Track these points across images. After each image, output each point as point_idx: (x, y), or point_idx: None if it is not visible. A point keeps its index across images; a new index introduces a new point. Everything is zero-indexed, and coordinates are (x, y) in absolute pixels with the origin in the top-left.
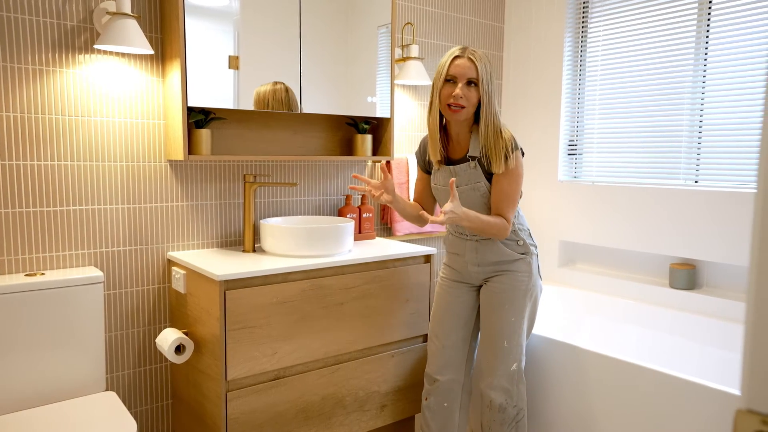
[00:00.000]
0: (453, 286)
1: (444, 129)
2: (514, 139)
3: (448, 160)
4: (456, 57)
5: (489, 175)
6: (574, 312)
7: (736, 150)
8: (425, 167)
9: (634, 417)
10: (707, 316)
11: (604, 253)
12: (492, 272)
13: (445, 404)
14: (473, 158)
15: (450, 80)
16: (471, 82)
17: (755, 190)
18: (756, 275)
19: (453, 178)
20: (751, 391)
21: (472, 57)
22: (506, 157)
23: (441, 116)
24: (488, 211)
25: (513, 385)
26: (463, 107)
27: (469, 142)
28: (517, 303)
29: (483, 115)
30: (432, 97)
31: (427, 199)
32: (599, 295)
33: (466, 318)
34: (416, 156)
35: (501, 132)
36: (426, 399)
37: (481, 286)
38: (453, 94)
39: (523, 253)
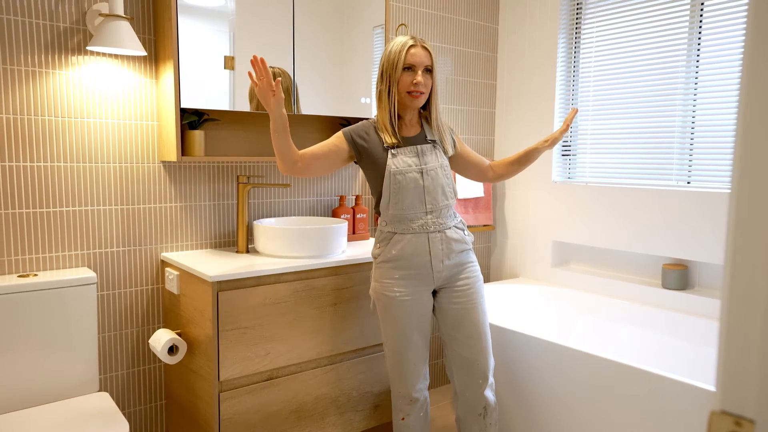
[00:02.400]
0: (412, 303)
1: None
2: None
3: (404, 140)
4: (411, 46)
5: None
6: (567, 312)
7: (729, 151)
8: (357, 152)
9: (626, 417)
10: (699, 317)
11: (597, 253)
12: (455, 268)
13: (421, 414)
14: (432, 141)
15: (408, 68)
16: (428, 70)
17: (729, 190)
18: (729, 278)
19: (576, 108)
20: (725, 392)
21: (426, 46)
22: (453, 141)
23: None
24: (450, 192)
25: (493, 377)
26: (422, 93)
27: (421, 125)
28: (483, 292)
29: (434, 101)
30: (384, 85)
31: (320, 166)
32: (592, 295)
33: (428, 327)
34: (350, 137)
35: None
36: (403, 419)
37: (434, 291)
38: (414, 81)
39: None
